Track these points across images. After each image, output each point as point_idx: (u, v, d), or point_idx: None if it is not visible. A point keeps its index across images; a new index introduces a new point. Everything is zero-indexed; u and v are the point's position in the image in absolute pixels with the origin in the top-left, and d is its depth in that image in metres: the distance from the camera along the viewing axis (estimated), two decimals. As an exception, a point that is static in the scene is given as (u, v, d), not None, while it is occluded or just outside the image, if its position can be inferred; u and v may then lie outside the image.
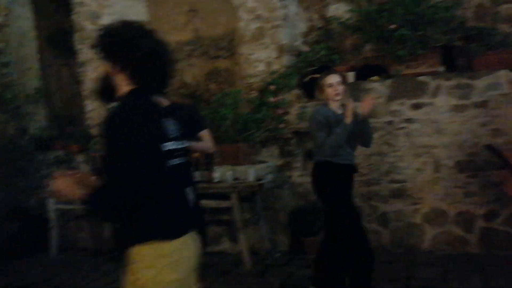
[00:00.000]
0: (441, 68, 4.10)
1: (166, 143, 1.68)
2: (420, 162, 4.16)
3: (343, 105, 3.19)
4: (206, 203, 4.04)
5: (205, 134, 3.15)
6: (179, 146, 1.76)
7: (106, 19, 5.03)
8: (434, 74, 4.06)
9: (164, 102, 2.96)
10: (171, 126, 1.74)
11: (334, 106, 3.20)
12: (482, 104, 3.91)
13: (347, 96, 3.21)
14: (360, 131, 3.20)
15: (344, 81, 3.24)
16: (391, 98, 4.18)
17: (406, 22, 4.02)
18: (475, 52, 4.03)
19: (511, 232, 3.92)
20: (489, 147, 3.75)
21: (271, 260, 4.39)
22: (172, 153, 1.70)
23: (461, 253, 4.08)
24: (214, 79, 5.17)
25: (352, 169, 3.23)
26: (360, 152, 3.56)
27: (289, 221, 4.55)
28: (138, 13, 5.20)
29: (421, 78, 4.09)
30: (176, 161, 1.72)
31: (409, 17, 4.01)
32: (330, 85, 3.16)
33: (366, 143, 3.33)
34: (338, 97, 3.17)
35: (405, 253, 4.18)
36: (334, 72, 3.25)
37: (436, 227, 4.17)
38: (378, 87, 4.22)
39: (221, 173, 4.30)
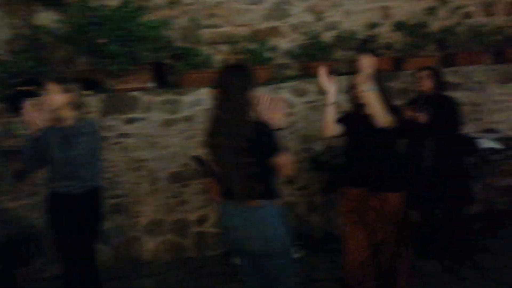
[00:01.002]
0: (152, 84, 4.27)
1: None
2: (137, 175, 4.24)
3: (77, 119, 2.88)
4: None
5: None
6: None
7: None
8: (146, 90, 4.21)
9: None
10: None
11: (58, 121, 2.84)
12: (189, 119, 4.25)
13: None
14: None
15: (70, 90, 2.88)
16: (105, 113, 4.13)
17: (116, 37, 4.04)
18: (182, 70, 4.36)
19: (219, 233, 4.38)
20: (195, 158, 4.09)
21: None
22: None
23: (179, 258, 4.33)
24: None
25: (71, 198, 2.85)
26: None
27: (-3, 253, 4.00)
28: None
29: (133, 93, 4.17)
30: None
31: (119, 33, 4.04)
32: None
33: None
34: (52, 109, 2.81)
35: (127, 267, 4.18)
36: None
37: (155, 237, 4.33)
38: (91, 101, 4.12)
39: None
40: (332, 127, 2.95)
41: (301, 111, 4.49)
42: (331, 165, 4.04)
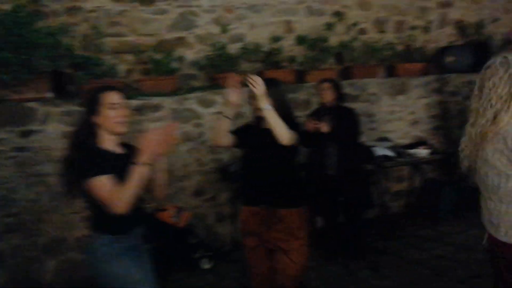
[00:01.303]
0: (50, 94, 4.03)
1: None
2: (36, 191, 3.97)
3: None
4: None
5: None
6: None
7: None
8: (43, 100, 3.97)
9: None
10: None
11: None
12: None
13: None
14: None
15: None
16: (-3, 125, 3.84)
17: (9, 44, 3.77)
18: (83, 79, 4.17)
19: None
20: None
21: None
22: None
23: (82, 277, 4.10)
24: None
25: None
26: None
27: None
28: None
29: (29, 104, 3.91)
30: None
31: (12, 39, 3.77)
32: None
33: None
34: None
35: (25, 290, 3.91)
36: None
37: (57, 256, 4.08)
38: (-19, 113, 3.80)
39: None
40: (224, 137, 2.71)
41: (209, 121, 4.51)
42: (239, 175, 4.10)
